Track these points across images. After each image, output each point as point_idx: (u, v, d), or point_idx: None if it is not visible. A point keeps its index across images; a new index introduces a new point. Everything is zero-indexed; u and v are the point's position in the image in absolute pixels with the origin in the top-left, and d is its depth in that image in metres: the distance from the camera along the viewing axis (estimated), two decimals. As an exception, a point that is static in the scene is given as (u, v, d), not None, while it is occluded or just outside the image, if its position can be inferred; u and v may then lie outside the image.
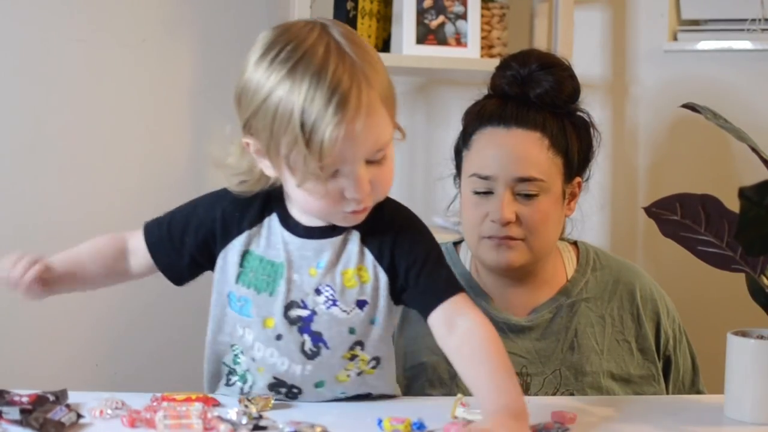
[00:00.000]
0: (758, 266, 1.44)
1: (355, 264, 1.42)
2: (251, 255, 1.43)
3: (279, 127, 1.30)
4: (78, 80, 2.48)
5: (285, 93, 1.29)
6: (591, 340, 1.83)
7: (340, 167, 1.32)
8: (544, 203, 1.77)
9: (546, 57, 1.86)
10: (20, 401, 1.32)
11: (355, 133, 1.29)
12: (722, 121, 1.46)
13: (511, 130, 1.78)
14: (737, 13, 2.68)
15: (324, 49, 1.30)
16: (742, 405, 1.45)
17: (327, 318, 1.41)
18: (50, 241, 2.45)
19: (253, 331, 1.43)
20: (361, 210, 1.37)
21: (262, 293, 1.42)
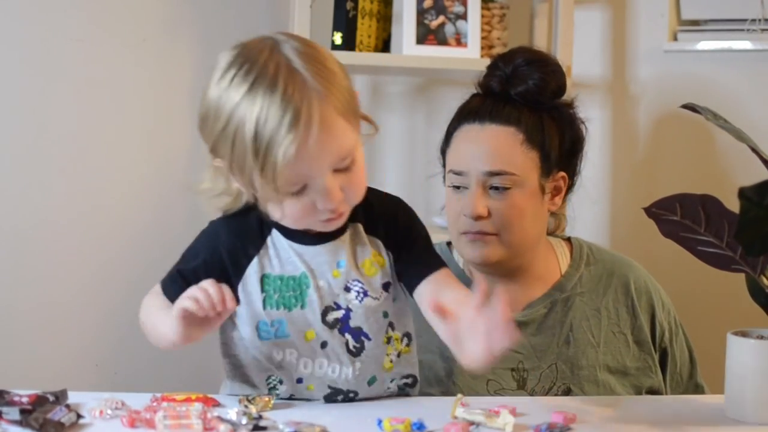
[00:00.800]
0: (758, 266, 1.44)
1: (369, 254, 1.47)
2: (269, 278, 1.44)
3: (238, 152, 1.32)
4: (78, 80, 2.48)
5: (239, 119, 1.31)
6: (587, 333, 1.83)
7: (307, 182, 1.33)
8: (517, 197, 1.78)
9: (531, 53, 1.87)
10: (20, 401, 1.32)
11: (310, 150, 1.30)
12: (722, 121, 1.47)
13: (485, 126, 1.81)
14: (737, 13, 2.68)
15: (274, 70, 1.31)
16: (742, 405, 1.45)
17: (362, 311, 1.45)
18: (50, 241, 2.46)
19: (296, 349, 1.44)
20: (336, 217, 1.39)
21: (294, 309, 1.44)
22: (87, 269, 2.48)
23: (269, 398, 1.41)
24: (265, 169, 1.30)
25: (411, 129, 2.89)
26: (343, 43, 2.51)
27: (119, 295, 2.49)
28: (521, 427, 1.36)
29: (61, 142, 2.46)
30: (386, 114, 2.88)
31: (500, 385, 1.79)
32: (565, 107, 1.86)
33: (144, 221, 2.56)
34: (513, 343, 1.29)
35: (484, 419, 1.35)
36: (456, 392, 1.66)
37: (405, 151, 2.90)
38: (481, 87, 1.88)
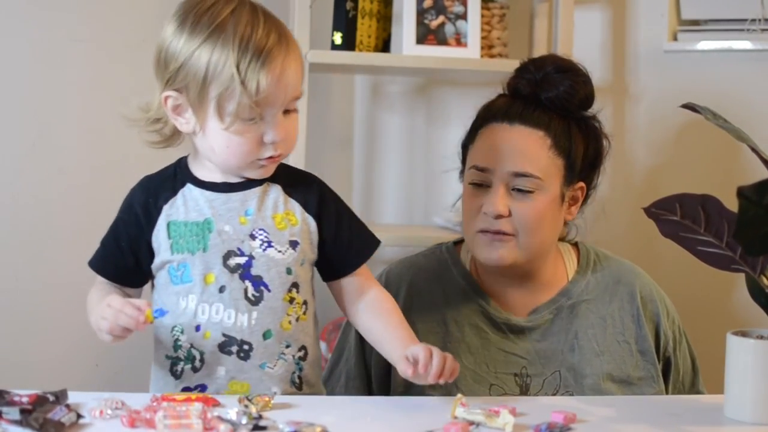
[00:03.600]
0: (758, 266, 1.44)
1: (282, 209, 1.53)
2: (175, 224, 1.51)
3: (213, 70, 1.44)
4: (78, 80, 2.47)
5: (219, 43, 1.44)
6: (591, 341, 1.83)
7: (266, 111, 1.45)
8: (539, 201, 1.78)
9: (563, 61, 1.87)
10: (20, 401, 1.32)
11: (284, 77, 1.45)
12: (722, 121, 1.47)
13: (515, 126, 1.80)
14: (737, 13, 2.68)
15: (249, 9, 1.47)
16: (742, 405, 1.45)
17: (265, 260, 1.50)
18: (50, 241, 2.46)
19: (195, 294, 1.49)
20: (276, 156, 1.49)
21: (196, 253, 1.50)
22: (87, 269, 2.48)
23: (269, 398, 1.41)
24: (246, 85, 1.42)
25: (411, 129, 2.89)
26: (343, 43, 2.51)
27: (119, 295, 2.49)
28: (521, 427, 1.36)
29: (61, 142, 2.46)
30: (386, 114, 2.88)
31: (503, 390, 1.79)
32: (591, 119, 1.86)
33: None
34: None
35: (484, 419, 1.35)
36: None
37: (405, 151, 2.89)
38: (509, 88, 1.87)
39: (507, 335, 1.83)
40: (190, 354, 1.51)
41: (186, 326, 1.51)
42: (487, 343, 1.83)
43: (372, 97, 2.89)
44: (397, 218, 2.89)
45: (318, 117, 2.71)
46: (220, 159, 1.51)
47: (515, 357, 1.82)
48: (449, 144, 2.88)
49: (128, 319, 1.41)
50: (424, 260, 1.92)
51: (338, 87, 2.86)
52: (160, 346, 1.54)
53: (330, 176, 2.86)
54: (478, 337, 1.83)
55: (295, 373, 1.54)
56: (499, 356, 1.82)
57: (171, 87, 1.49)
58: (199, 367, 1.50)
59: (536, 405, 1.48)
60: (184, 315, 1.50)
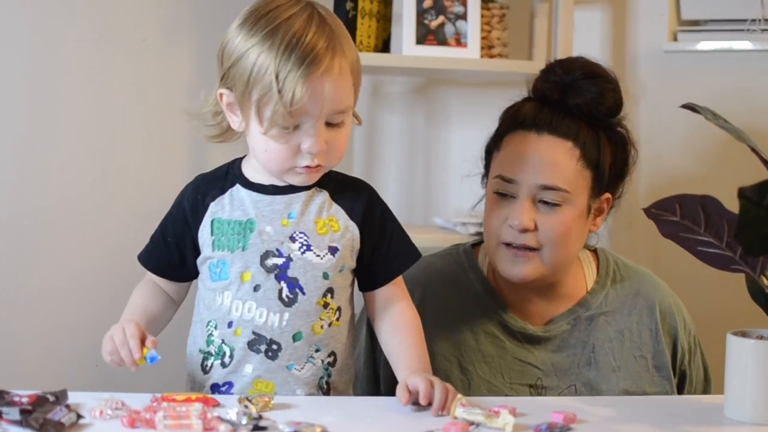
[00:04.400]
0: (758, 266, 1.44)
1: (326, 215, 1.54)
2: (218, 221, 1.53)
3: (257, 74, 1.44)
4: (78, 80, 2.47)
5: (267, 47, 1.44)
6: (609, 356, 1.80)
7: (303, 120, 1.45)
8: (566, 215, 1.74)
9: (591, 66, 1.83)
10: (20, 401, 1.32)
11: (322, 90, 1.44)
12: (722, 121, 1.46)
13: (543, 136, 1.76)
14: (737, 13, 2.68)
15: (307, 16, 1.46)
16: (742, 405, 1.45)
17: (302, 263, 1.51)
18: (50, 241, 2.46)
19: (231, 291, 1.51)
20: (314, 166, 1.49)
21: (236, 251, 1.51)
22: (88, 269, 2.48)
23: (269, 398, 1.41)
24: (282, 93, 1.42)
25: (411, 129, 2.89)
26: (343, 43, 2.51)
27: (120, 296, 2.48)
28: (521, 427, 1.36)
29: (61, 141, 2.46)
30: (386, 114, 2.88)
31: None
32: (619, 126, 1.82)
33: (143, 221, 2.54)
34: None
35: (484, 419, 1.35)
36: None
37: (405, 151, 2.89)
38: (535, 92, 1.83)
39: (523, 344, 1.80)
40: (221, 350, 1.52)
41: (220, 322, 1.52)
42: (503, 351, 1.80)
43: (372, 97, 2.89)
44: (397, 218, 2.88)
45: (318, 117, 2.70)
46: (261, 161, 1.53)
47: (531, 367, 1.79)
48: (449, 144, 2.90)
49: (123, 358, 1.45)
50: (441, 262, 1.89)
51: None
52: (195, 340, 1.56)
53: (330, 176, 2.88)
54: (493, 345, 1.81)
55: (323, 378, 1.54)
56: (515, 366, 1.80)
57: (224, 84, 1.52)
58: (228, 363, 1.51)
59: (536, 405, 1.48)
60: (220, 311, 1.52)
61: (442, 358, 1.78)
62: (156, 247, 1.60)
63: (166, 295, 1.61)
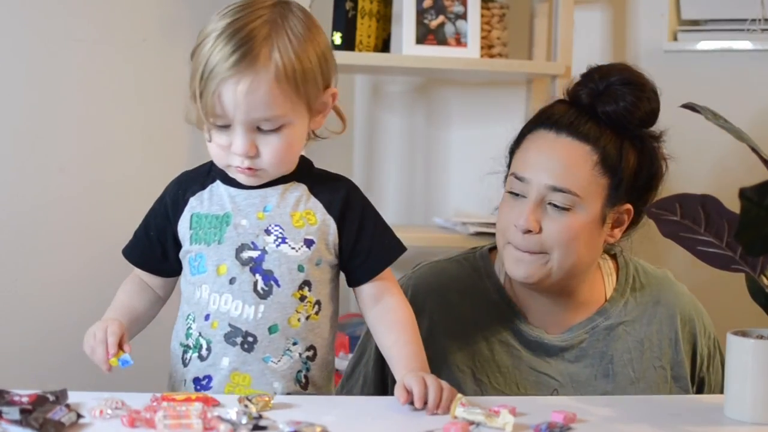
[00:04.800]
0: (758, 266, 1.44)
1: (303, 208, 1.54)
2: (197, 216, 1.55)
3: (192, 74, 1.47)
4: (78, 80, 2.47)
5: (200, 48, 1.47)
6: (627, 367, 1.76)
7: (231, 123, 1.46)
8: (574, 220, 1.68)
9: (630, 73, 1.76)
10: (20, 401, 1.32)
11: (237, 96, 1.44)
12: (722, 121, 1.46)
13: (560, 137, 1.71)
14: (737, 13, 2.68)
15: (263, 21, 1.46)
16: (742, 405, 1.45)
17: (277, 255, 1.51)
18: (50, 241, 2.46)
19: (208, 284, 1.52)
20: (245, 168, 1.49)
21: (212, 244, 1.53)
22: (87, 269, 2.48)
23: (269, 398, 1.41)
24: (203, 93, 1.44)
25: (411, 129, 2.89)
26: (343, 43, 2.51)
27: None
28: (521, 426, 1.36)
29: (61, 141, 2.46)
30: (386, 114, 2.88)
31: None
32: (650, 139, 1.77)
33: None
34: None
35: (484, 419, 1.35)
36: None
37: (405, 151, 2.90)
38: (569, 95, 1.77)
39: (539, 354, 1.76)
40: (198, 342, 1.53)
41: (198, 315, 1.53)
42: (518, 361, 1.76)
43: (372, 97, 2.89)
44: (397, 218, 2.89)
45: (318, 117, 2.70)
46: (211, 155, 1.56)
47: (547, 377, 1.76)
48: (449, 144, 2.90)
49: (97, 358, 1.49)
50: (456, 268, 1.84)
51: (338, 87, 2.86)
52: (177, 334, 1.58)
53: (330, 176, 2.88)
54: (509, 355, 1.76)
55: (301, 372, 1.54)
56: (531, 376, 1.76)
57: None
58: (206, 356, 1.52)
59: (536, 405, 1.48)
60: (198, 304, 1.53)
61: (456, 369, 1.75)
62: (139, 242, 1.62)
63: (151, 291, 1.62)
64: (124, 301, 1.61)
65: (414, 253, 1.97)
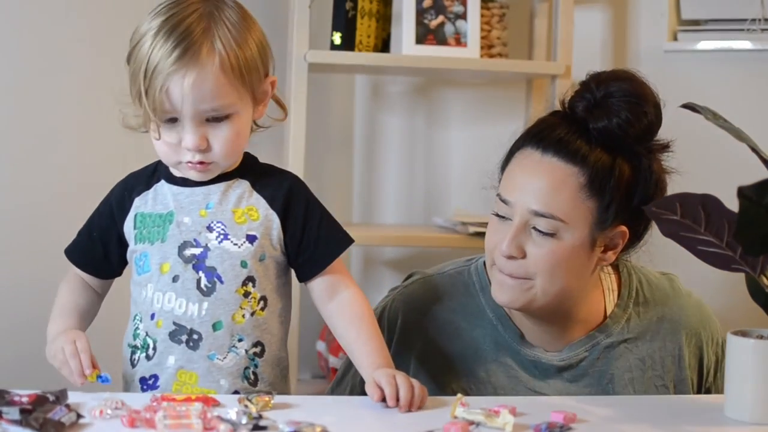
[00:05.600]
0: (758, 266, 1.44)
1: (245, 204, 1.54)
2: (141, 215, 1.56)
3: (132, 71, 1.49)
4: (78, 80, 2.47)
5: (142, 43, 1.47)
6: (628, 388, 1.70)
7: (177, 116, 1.46)
8: (559, 246, 1.60)
9: (630, 84, 1.66)
10: (20, 401, 1.32)
11: (184, 88, 1.44)
12: (722, 121, 1.46)
13: (546, 157, 1.62)
14: (737, 13, 2.68)
15: (193, 10, 1.47)
16: (742, 405, 1.45)
17: (219, 252, 1.51)
18: (50, 241, 2.45)
19: (153, 283, 1.53)
20: (196, 162, 1.49)
21: (155, 243, 1.53)
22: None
23: (269, 398, 1.41)
24: (149, 91, 1.44)
25: (411, 129, 2.89)
26: (343, 43, 2.51)
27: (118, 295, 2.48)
28: (521, 426, 1.36)
29: (61, 141, 2.46)
30: (386, 114, 2.88)
31: None
32: (648, 155, 1.67)
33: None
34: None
35: (484, 419, 1.35)
36: None
37: (405, 151, 2.89)
38: (564, 105, 1.67)
39: (537, 375, 1.70)
40: (145, 342, 1.53)
41: (144, 314, 1.54)
42: (515, 382, 1.70)
43: (372, 97, 2.89)
44: (397, 218, 2.89)
45: (318, 117, 2.71)
46: (158, 154, 1.55)
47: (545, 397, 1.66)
48: (449, 144, 2.90)
49: (69, 373, 1.47)
50: (450, 283, 1.76)
51: (338, 87, 2.86)
52: (126, 336, 1.58)
53: (330, 176, 2.88)
54: (505, 375, 1.70)
55: (249, 369, 1.53)
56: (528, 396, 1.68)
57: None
58: (152, 355, 1.52)
59: (536, 405, 1.48)
60: (144, 304, 1.54)
61: (450, 392, 1.67)
62: (81, 242, 1.62)
63: (92, 290, 1.63)
64: (71, 300, 1.61)
65: (414, 253, 1.98)
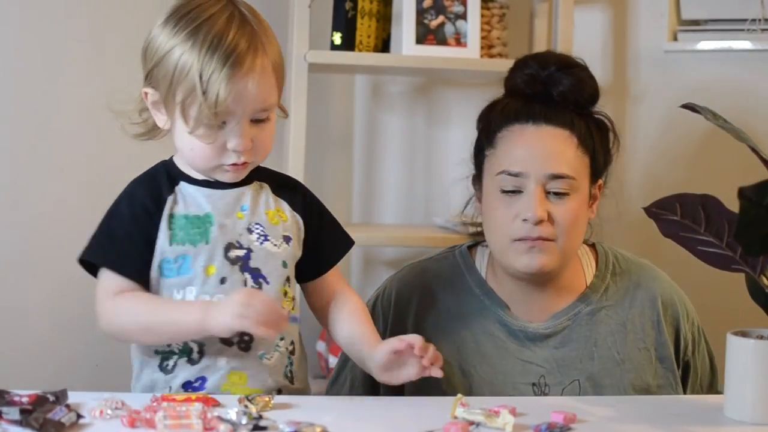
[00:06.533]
0: (758, 266, 1.44)
1: (273, 207, 1.57)
2: (175, 217, 1.52)
3: (179, 74, 1.46)
4: (78, 80, 2.47)
5: (188, 46, 1.46)
6: (611, 350, 1.79)
7: (228, 119, 1.47)
8: (574, 202, 1.75)
9: (564, 58, 1.85)
10: (20, 401, 1.32)
11: (246, 89, 1.46)
12: (722, 121, 1.47)
13: (541, 127, 1.76)
14: (737, 13, 2.68)
15: (228, 15, 1.48)
16: (742, 405, 1.45)
17: (262, 253, 1.53)
18: (50, 241, 2.46)
19: (195, 286, 1.50)
20: (240, 164, 1.50)
21: (198, 245, 1.51)
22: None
23: (269, 398, 1.41)
24: (207, 95, 1.44)
25: (411, 129, 2.89)
26: (343, 43, 2.51)
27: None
28: (521, 427, 1.36)
29: (61, 142, 2.46)
30: (386, 114, 2.88)
31: None
32: (603, 117, 1.84)
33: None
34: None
35: (484, 419, 1.35)
36: None
37: (405, 151, 2.89)
38: (513, 88, 1.83)
39: (524, 343, 1.79)
40: (186, 347, 1.51)
41: None
42: (504, 352, 1.79)
43: (372, 97, 2.89)
44: (397, 218, 2.89)
45: (318, 117, 2.70)
46: (188, 159, 1.54)
47: (533, 366, 1.78)
48: (449, 144, 2.90)
49: (278, 321, 1.44)
50: (437, 266, 1.88)
51: (338, 87, 2.86)
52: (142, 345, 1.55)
53: (330, 176, 2.88)
54: (494, 346, 1.79)
55: (287, 367, 1.55)
56: (517, 365, 1.78)
57: (148, 83, 1.54)
58: (198, 359, 1.51)
59: (536, 405, 1.49)
60: None
61: (443, 362, 1.76)
62: (127, 249, 1.51)
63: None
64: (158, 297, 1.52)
65: (414, 253, 1.98)
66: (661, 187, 2.70)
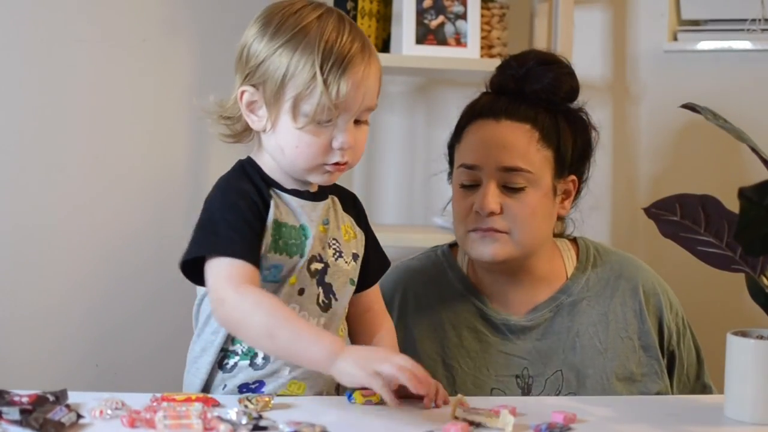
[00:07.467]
0: (758, 266, 1.44)
1: (345, 222, 1.59)
2: (276, 224, 1.50)
3: (294, 70, 1.45)
4: (78, 80, 2.47)
5: (303, 45, 1.46)
6: (593, 339, 1.81)
7: (341, 115, 1.47)
8: (531, 196, 1.76)
9: (545, 55, 1.86)
10: (20, 401, 1.32)
11: (363, 86, 1.48)
12: (722, 121, 1.46)
13: (501, 121, 1.78)
14: (737, 13, 2.68)
15: (336, 18, 1.49)
16: (742, 405, 1.45)
17: (336, 270, 1.54)
18: (50, 241, 2.46)
19: (280, 294, 1.49)
20: (342, 163, 1.49)
21: (294, 256, 1.50)
22: (88, 269, 2.48)
23: (269, 398, 1.41)
24: (328, 86, 1.44)
25: (411, 129, 2.89)
26: (343, 43, 2.51)
27: (119, 295, 2.49)
28: (521, 427, 1.36)
29: (61, 142, 2.46)
30: (386, 114, 2.88)
31: (504, 392, 1.78)
32: (578, 111, 1.85)
33: (144, 221, 2.56)
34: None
35: (484, 419, 1.35)
36: None
37: (405, 151, 2.90)
38: (492, 86, 1.86)
39: (507, 336, 1.82)
40: (251, 350, 1.51)
41: None
42: (486, 346, 1.82)
43: (372, 97, 2.88)
44: (397, 218, 2.89)
45: (318, 117, 2.70)
46: (288, 159, 1.50)
47: (516, 358, 1.80)
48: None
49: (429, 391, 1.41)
50: (419, 264, 1.91)
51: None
52: (209, 340, 1.53)
53: (330, 176, 2.88)
54: (477, 340, 1.82)
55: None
56: (500, 359, 1.81)
57: (249, 82, 1.51)
58: (261, 365, 1.51)
59: (536, 405, 1.49)
60: None
61: (427, 357, 1.80)
62: (251, 238, 1.46)
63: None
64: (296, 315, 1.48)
65: (414, 253, 1.98)
66: (661, 187, 2.71)
